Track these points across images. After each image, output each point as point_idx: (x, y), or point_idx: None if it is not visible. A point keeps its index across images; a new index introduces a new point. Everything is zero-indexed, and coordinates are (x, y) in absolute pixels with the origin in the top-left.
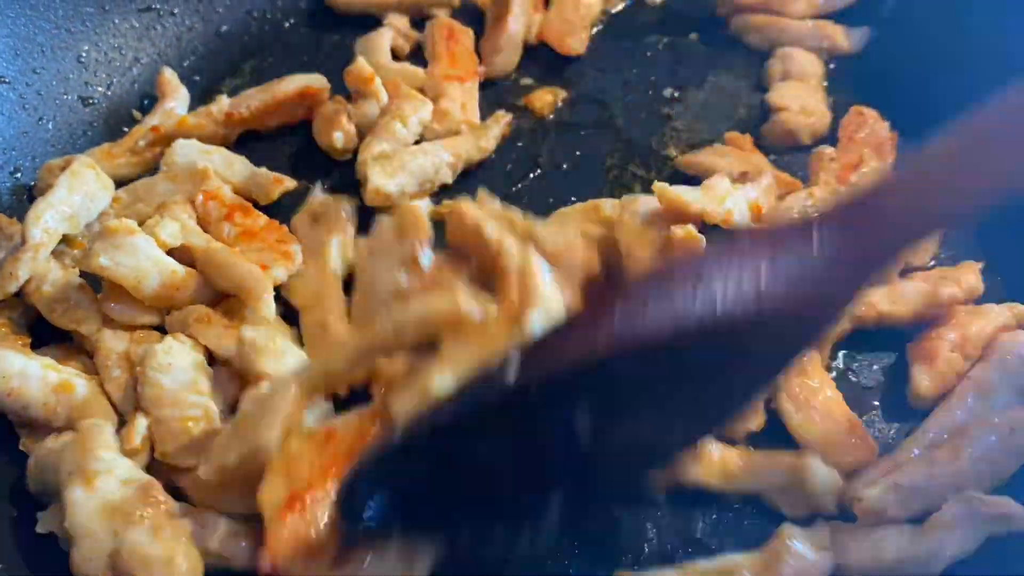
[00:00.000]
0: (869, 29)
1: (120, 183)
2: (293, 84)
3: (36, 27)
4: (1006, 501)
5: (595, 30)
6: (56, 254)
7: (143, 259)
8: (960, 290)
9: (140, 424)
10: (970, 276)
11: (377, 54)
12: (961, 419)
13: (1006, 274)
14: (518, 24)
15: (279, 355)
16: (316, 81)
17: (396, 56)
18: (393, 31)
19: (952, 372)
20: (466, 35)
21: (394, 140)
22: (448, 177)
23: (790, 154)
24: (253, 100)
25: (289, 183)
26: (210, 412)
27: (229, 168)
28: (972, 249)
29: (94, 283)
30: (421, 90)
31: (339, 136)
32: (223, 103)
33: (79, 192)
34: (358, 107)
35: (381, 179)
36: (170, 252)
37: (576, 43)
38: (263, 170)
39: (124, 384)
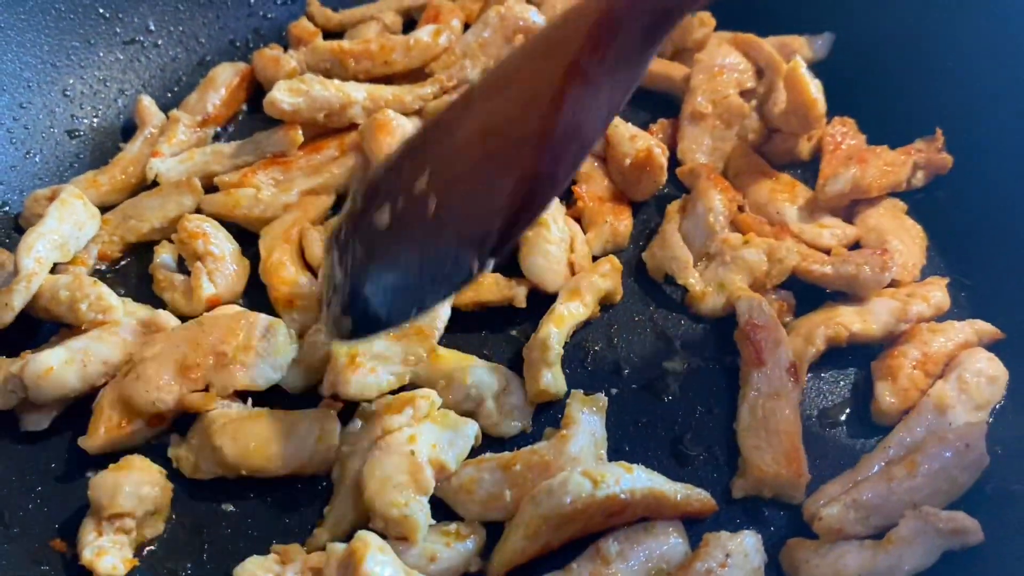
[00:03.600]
0: (832, 36)
1: (105, 209)
2: (227, 71)
3: (22, 63)
4: (960, 516)
5: None
6: (55, 270)
7: None
8: (928, 306)
9: None
10: (937, 292)
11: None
12: (921, 435)
13: (969, 289)
14: None
15: None
16: (242, 65)
17: None
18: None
19: (914, 389)
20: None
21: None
22: (360, 117)
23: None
24: (212, 99)
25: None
26: None
27: (221, 158)
28: (937, 264)
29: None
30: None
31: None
32: (182, 117)
33: (68, 221)
34: (299, 52)
35: (280, 93)
36: None
37: None
38: (263, 132)
39: None
